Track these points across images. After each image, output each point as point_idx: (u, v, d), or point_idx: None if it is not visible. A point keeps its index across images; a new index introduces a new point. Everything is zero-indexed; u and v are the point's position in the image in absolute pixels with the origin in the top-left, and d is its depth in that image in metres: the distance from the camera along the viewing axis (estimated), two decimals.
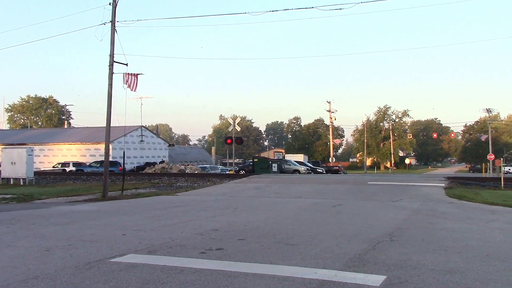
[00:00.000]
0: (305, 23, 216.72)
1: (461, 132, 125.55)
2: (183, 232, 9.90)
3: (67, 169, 46.55)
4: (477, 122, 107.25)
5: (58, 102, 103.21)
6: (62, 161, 51.94)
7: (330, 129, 79.83)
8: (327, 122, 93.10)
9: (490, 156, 59.98)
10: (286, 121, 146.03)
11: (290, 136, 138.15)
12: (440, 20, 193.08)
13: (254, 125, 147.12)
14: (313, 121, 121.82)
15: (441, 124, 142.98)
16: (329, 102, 73.24)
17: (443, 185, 23.09)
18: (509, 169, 73.32)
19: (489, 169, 65.71)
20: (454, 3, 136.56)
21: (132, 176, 32.87)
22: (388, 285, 5.72)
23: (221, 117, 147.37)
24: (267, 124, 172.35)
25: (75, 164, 48.92)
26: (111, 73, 20.90)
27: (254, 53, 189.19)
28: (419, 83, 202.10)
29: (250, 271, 6.32)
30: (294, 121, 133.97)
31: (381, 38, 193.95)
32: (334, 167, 61.64)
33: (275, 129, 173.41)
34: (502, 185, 23.11)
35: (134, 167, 52.23)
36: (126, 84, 20.91)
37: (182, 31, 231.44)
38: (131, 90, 21.03)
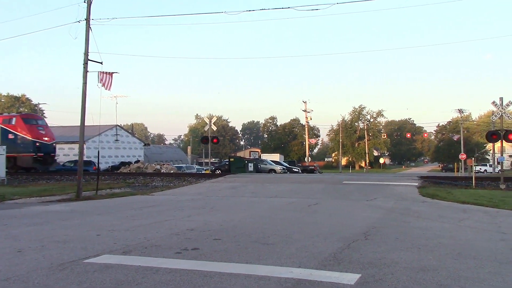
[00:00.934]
0: (281, 23, 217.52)
1: (434, 132, 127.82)
2: (159, 232, 9.84)
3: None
4: (449, 122, 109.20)
5: (31, 101, 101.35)
6: None
7: (306, 129, 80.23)
8: (303, 122, 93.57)
9: (462, 156, 61.16)
10: (262, 121, 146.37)
11: (266, 135, 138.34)
12: (414, 22, 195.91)
13: (230, 124, 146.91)
14: (289, 120, 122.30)
15: (415, 124, 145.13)
16: (305, 102, 73.67)
17: (417, 184, 23.41)
18: (480, 169, 74.88)
19: (461, 169, 66.93)
20: (428, 5, 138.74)
21: (106, 176, 32.46)
22: (363, 283, 5.79)
23: (197, 116, 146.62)
24: (243, 123, 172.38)
25: None
26: (85, 71, 20.64)
27: (230, 52, 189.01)
28: (393, 84, 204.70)
29: (226, 271, 6.32)
30: (270, 121, 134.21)
31: (356, 39, 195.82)
32: (310, 167, 62.02)
33: (251, 128, 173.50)
34: (474, 184, 23.56)
35: (109, 166, 51.65)
36: (100, 82, 20.69)
37: (157, 29, 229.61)
38: (106, 89, 20.83)
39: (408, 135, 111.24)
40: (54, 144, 39.29)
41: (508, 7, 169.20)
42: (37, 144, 36.05)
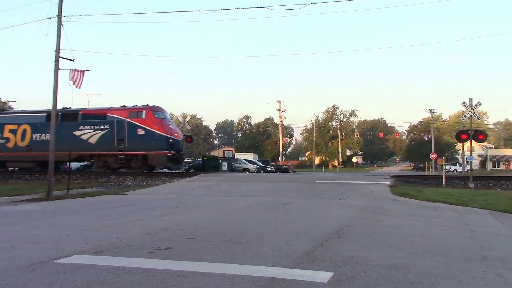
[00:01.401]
0: (256, 22, 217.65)
1: (405, 132, 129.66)
2: (131, 231, 9.74)
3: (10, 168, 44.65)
4: (420, 122, 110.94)
5: (0, 99, 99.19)
6: None
7: (280, 128, 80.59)
8: (277, 121, 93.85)
9: (433, 155, 62.35)
10: (236, 120, 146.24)
11: (240, 134, 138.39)
12: (387, 24, 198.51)
13: (204, 123, 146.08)
14: (263, 120, 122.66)
15: (387, 124, 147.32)
16: (279, 102, 74.03)
17: (388, 183, 23.70)
18: (450, 168, 76.39)
19: (432, 168, 68.12)
20: (398, 7, 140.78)
21: (78, 175, 31.89)
22: (336, 281, 5.84)
23: (171, 115, 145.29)
24: (217, 122, 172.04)
25: None
26: (56, 69, 20.26)
27: (205, 51, 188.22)
28: (367, 84, 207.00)
29: (199, 270, 6.29)
30: (244, 120, 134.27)
31: (331, 39, 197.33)
32: (284, 166, 62.31)
33: (225, 127, 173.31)
34: (444, 183, 23.99)
35: (81, 165, 50.82)
36: (71, 80, 20.38)
37: (131, 27, 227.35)
38: (76, 87, 20.54)
39: (380, 135, 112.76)
40: (183, 141, 35.41)
41: (474, 10, 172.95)
42: (170, 140, 32.04)
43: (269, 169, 52.82)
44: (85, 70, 20.65)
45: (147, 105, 33.11)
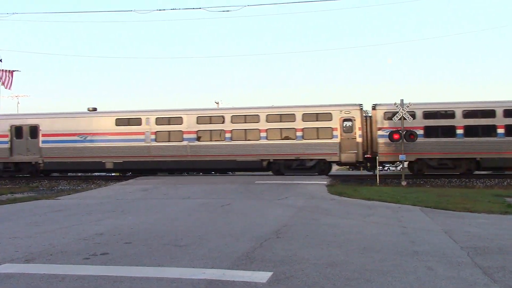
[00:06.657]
0: (194, 23, 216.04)
1: None
2: (65, 238, 9.41)
3: None
4: None
5: None
6: None
7: None
8: None
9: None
10: None
11: None
12: (321, 25, 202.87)
13: None
14: None
15: None
16: (217, 103, 73.77)
17: (326, 182, 24.16)
18: (384, 167, 79.06)
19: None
20: (336, 10, 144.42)
21: (7, 180, 30.50)
22: (275, 281, 5.90)
23: None
24: None
25: None
26: None
27: (141, 51, 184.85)
28: (303, 85, 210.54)
29: (137, 275, 6.18)
30: None
31: (267, 40, 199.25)
32: None
33: None
34: (378, 182, 24.76)
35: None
36: (0, 81, 19.47)
37: (64, 26, 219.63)
38: (6, 88, 19.71)
39: None
40: None
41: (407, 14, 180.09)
42: None
43: None
44: (13, 71, 19.80)
45: None
